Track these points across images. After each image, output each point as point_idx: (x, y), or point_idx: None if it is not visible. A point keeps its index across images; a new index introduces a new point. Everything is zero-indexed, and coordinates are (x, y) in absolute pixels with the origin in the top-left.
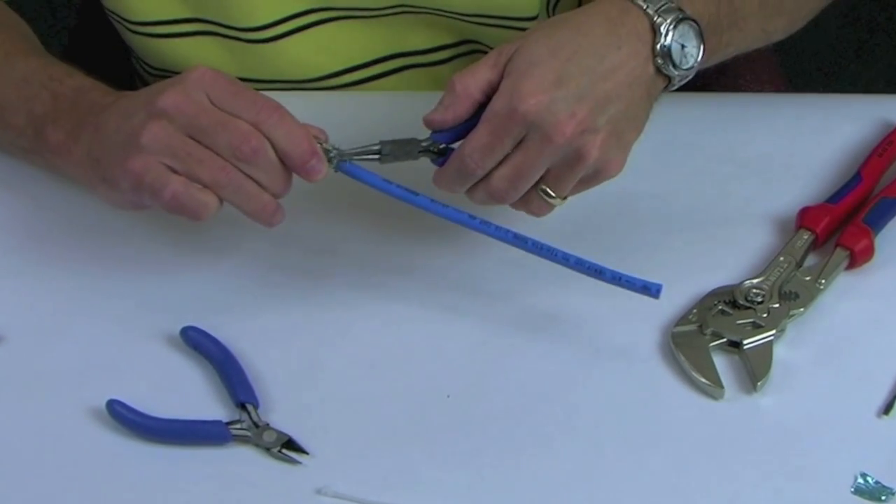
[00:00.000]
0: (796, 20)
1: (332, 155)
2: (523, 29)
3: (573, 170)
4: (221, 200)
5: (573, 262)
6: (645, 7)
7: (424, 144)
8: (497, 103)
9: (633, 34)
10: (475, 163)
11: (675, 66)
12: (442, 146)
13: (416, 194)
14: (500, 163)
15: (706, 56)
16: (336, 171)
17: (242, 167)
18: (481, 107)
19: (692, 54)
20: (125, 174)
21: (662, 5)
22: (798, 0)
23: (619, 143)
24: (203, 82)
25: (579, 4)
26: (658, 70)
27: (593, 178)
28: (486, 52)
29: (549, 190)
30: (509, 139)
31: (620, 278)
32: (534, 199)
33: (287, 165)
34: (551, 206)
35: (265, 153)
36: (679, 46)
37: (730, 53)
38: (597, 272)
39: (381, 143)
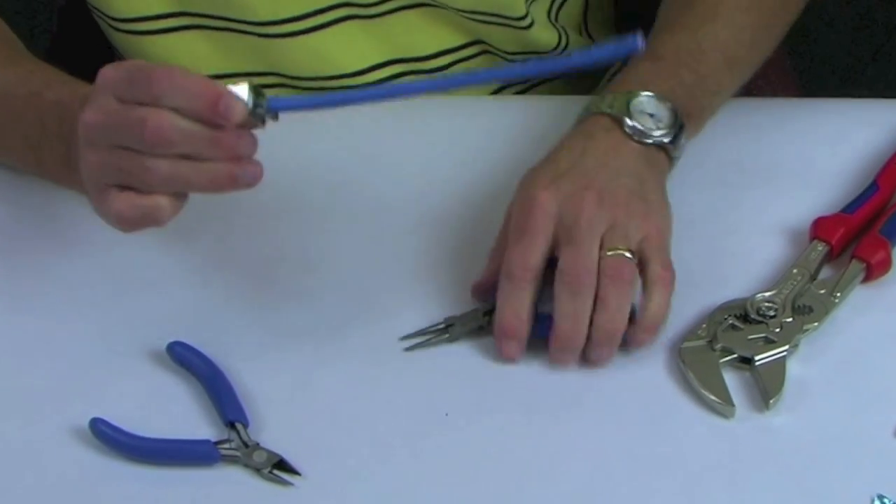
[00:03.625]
0: (766, 51)
1: (254, 94)
2: (519, 28)
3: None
4: (180, 195)
5: (531, 66)
6: (602, 110)
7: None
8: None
9: (603, 129)
10: (572, 331)
11: (649, 134)
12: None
13: (357, 90)
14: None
15: (690, 118)
16: (272, 115)
17: (164, 151)
18: None
19: (663, 117)
20: (96, 207)
21: (615, 99)
22: (760, 40)
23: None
24: (107, 83)
25: (585, 8)
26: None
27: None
28: (494, 55)
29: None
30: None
31: (590, 53)
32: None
33: (206, 123)
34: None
35: (171, 126)
36: (645, 116)
37: (716, 104)
38: (563, 61)
39: (447, 319)
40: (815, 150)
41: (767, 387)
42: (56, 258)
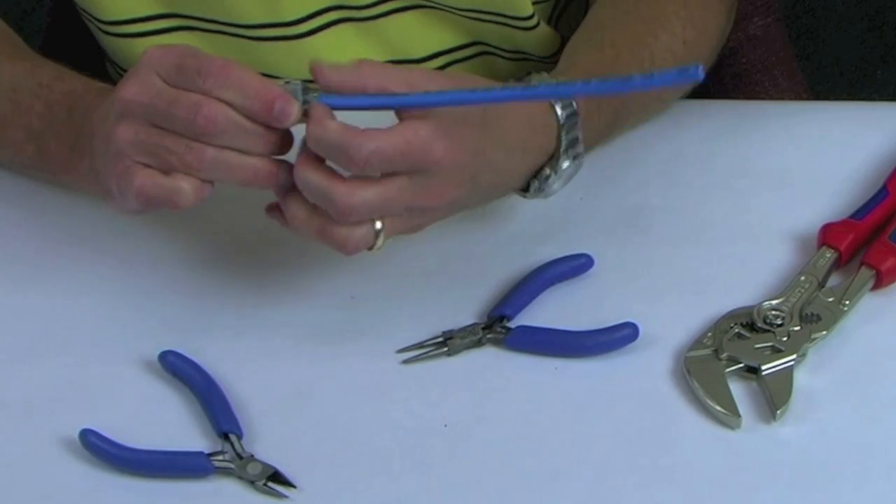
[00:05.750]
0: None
1: (303, 92)
2: (522, 28)
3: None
4: (209, 182)
5: (594, 86)
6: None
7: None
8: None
9: None
10: (367, 162)
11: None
12: (509, 324)
13: (407, 95)
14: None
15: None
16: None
17: (210, 139)
18: None
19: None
20: (114, 182)
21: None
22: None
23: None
24: (152, 63)
25: (585, 9)
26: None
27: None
28: (494, 55)
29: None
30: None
31: (652, 78)
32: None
33: (256, 121)
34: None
35: (225, 118)
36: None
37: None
38: (624, 83)
39: (445, 332)
40: (824, 154)
41: (774, 397)
42: (46, 266)
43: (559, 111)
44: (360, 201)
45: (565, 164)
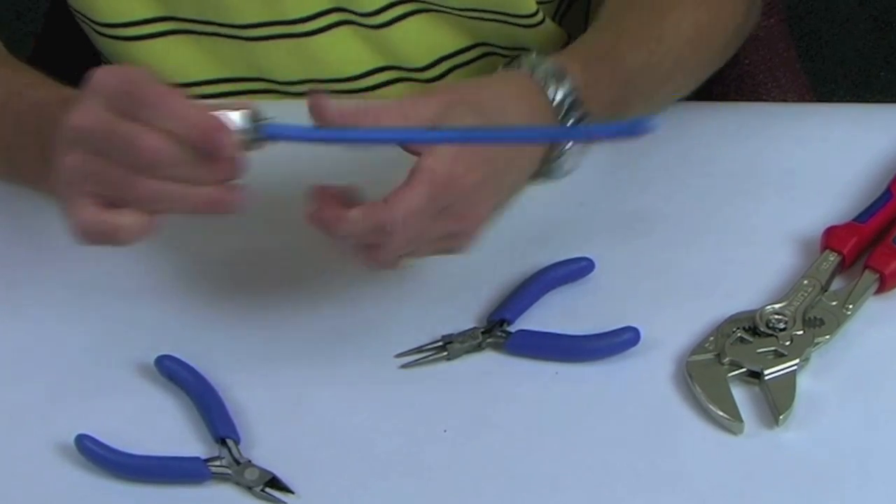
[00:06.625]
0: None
1: (250, 124)
2: (525, 26)
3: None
4: (157, 215)
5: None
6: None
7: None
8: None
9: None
10: (405, 225)
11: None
12: (509, 328)
13: (353, 130)
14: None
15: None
16: (264, 140)
17: (153, 172)
18: None
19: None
20: (63, 211)
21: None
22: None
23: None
24: (98, 88)
25: (586, 12)
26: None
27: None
28: (498, 54)
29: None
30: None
31: (591, 132)
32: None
33: (198, 151)
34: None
35: (165, 150)
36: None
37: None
38: (567, 131)
39: (444, 336)
40: (827, 156)
41: (777, 402)
42: (41, 269)
43: (554, 94)
44: (400, 245)
45: (569, 143)
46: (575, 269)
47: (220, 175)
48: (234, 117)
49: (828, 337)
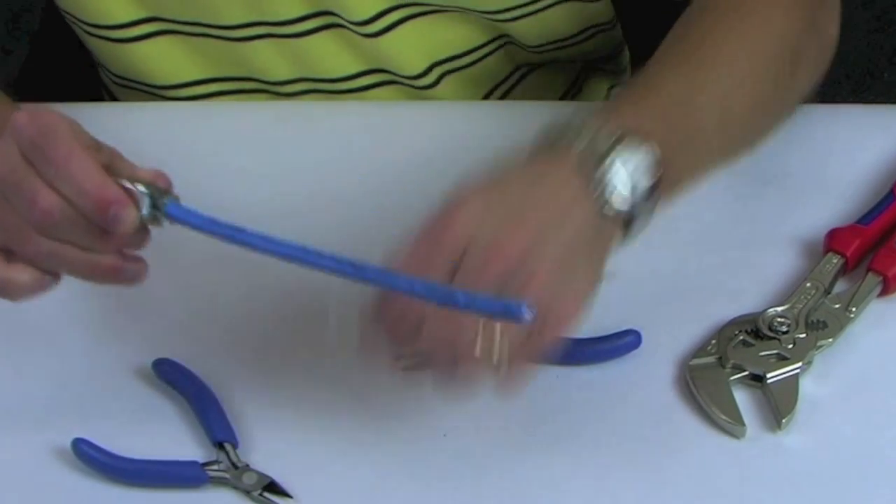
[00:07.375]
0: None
1: (154, 197)
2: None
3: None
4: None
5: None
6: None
7: None
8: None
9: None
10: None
11: (614, 192)
12: None
13: (247, 232)
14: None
15: (664, 181)
16: (167, 219)
17: (48, 232)
18: None
19: (640, 179)
20: None
21: (592, 138)
22: (754, 122)
23: (566, 283)
24: (14, 132)
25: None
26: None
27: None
28: (518, 47)
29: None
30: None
31: (474, 302)
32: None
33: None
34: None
35: (60, 213)
36: (621, 170)
37: (700, 169)
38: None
39: None
40: (830, 158)
41: (780, 405)
42: None
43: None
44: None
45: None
46: None
47: (119, 245)
48: (137, 190)
49: (831, 340)
